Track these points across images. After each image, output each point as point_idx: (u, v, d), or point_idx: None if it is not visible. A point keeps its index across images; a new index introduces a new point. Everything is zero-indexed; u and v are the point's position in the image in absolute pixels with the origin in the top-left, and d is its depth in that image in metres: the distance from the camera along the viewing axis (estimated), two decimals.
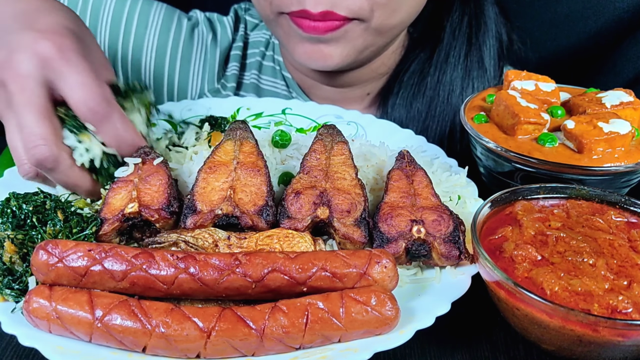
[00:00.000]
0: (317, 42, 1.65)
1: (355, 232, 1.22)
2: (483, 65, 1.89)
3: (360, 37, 1.67)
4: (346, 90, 1.99)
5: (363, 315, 1.04)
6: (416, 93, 1.92)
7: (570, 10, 2.12)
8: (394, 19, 1.67)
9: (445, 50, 1.90)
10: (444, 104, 1.89)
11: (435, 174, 1.45)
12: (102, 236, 1.22)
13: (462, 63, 1.89)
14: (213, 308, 1.06)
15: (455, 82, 1.89)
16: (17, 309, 1.09)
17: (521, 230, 1.19)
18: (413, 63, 1.94)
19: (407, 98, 1.90)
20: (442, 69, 1.89)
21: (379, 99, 2.02)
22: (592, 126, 1.37)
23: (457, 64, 1.89)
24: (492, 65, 1.91)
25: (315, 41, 1.65)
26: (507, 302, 1.08)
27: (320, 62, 1.70)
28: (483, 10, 1.90)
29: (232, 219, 1.22)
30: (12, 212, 1.21)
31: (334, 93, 2.00)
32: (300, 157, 1.41)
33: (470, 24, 1.90)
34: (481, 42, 1.89)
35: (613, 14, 2.06)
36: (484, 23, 1.90)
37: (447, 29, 1.91)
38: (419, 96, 1.91)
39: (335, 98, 2.00)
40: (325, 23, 1.59)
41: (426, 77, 1.91)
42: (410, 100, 1.91)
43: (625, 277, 1.07)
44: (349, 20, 1.61)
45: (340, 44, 1.66)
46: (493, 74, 1.91)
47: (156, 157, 1.38)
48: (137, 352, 1.03)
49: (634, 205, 1.25)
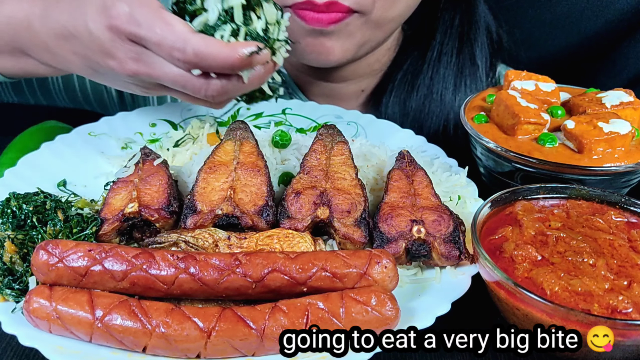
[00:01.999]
0: (319, 35, 1.66)
1: (356, 232, 1.22)
2: (475, 63, 1.91)
3: (360, 31, 1.68)
4: (341, 86, 2.00)
5: (363, 316, 1.04)
6: (409, 91, 1.93)
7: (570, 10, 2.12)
8: (393, 11, 1.69)
9: (437, 48, 1.92)
10: (437, 102, 1.91)
11: (435, 174, 1.45)
12: (102, 236, 1.22)
13: (455, 61, 1.91)
14: (213, 308, 1.06)
15: (447, 80, 1.91)
16: (18, 309, 1.09)
17: (521, 230, 1.19)
18: (406, 62, 1.96)
19: (400, 96, 1.91)
20: (435, 67, 1.91)
21: (373, 97, 2.02)
22: (592, 126, 1.37)
23: (450, 62, 1.91)
24: (484, 63, 1.93)
25: (317, 34, 1.66)
26: (507, 302, 1.08)
27: (322, 57, 1.70)
28: (474, 9, 1.92)
29: (232, 219, 1.22)
30: (13, 212, 1.21)
31: (329, 89, 2.00)
32: (300, 157, 1.41)
33: (461, 22, 1.91)
34: (472, 40, 1.91)
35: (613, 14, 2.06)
36: (474, 22, 1.92)
37: (439, 27, 1.93)
38: (413, 94, 1.93)
39: (331, 94, 2.00)
40: (329, 15, 1.60)
41: (419, 75, 1.93)
42: (404, 98, 1.92)
43: (625, 277, 1.07)
44: (351, 13, 1.62)
45: (341, 38, 1.67)
46: (485, 71, 1.93)
47: (156, 158, 1.39)
48: (137, 352, 1.03)
49: (634, 205, 1.25)
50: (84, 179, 1.47)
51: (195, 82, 1.18)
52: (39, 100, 2.07)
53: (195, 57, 1.13)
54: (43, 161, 1.48)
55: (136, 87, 1.29)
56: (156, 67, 1.18)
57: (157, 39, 1.13)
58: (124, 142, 1.61)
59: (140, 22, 1.13)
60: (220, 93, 1.21)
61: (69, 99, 2.06)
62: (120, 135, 1.63)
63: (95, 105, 2.08)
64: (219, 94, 1.21)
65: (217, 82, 1.19)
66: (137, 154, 1.40)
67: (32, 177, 1.41)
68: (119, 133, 1.64)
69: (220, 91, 1.21)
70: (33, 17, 1.30)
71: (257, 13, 1.23)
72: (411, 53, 1.96)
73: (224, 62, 1.14)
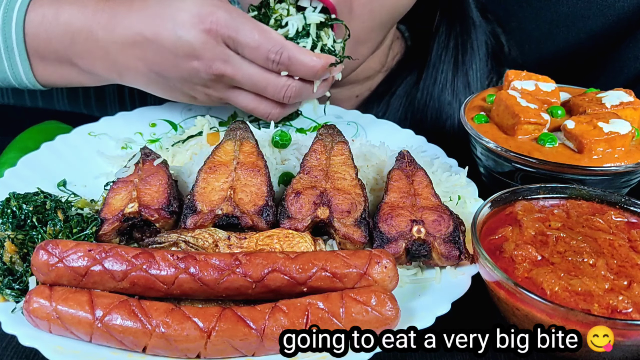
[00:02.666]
0: None
1: (356, 232, 1.22)
2: (470, 89, 1.89)
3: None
4: (336, 92, 1.99)
5: (363, 316, 1.04)
6: (402, 116, 1.94)
7: (570, 10, 2.12)
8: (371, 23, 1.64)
9: (432, 74, 1.91)
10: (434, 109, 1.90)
11: (435, 174, 1.45)
12: (102, 236, 1.22)
13: (450, 86, 1.89)
14: (213, 308, 1.06)
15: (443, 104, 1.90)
16: (18, 309, 1.09)
17: (521, 230, 1.19)
18: (399, 87, 1.95)
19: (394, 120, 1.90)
20: (429, 92, 1.90)
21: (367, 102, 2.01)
22: (592, 126, 1.37)
23: (445, 87, 1.90)
24: (479, 88, 1.91)
25: None
26: (507, 302, 1.08)
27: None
28: (470, 33, 1.90)
29: (232, 219, 1.22)
30: (13, 212, 1.21)
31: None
32: (300, 157, 1.41)
33: (456, 47, 1.90)
34: (468, 67, 1.89)
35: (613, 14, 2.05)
36: (470, 47, 1.90)
37: (433, 51, 1.91)
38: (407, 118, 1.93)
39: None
40: None
41: (413, 100, 1.92)
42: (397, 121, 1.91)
43: (625, 277, 1.07)
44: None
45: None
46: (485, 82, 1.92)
47: (156, 158, 1.39)
48: (137, 352, 1.03)
49: (634, 205, 1.25)
50: (84, 179, 1.48)
51: (278, 82, 1.42)
52: (36, 103, 2.07)
53: (289, 61, 1.37)
54: (43, 161, 1.48)
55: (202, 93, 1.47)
56: (243, 68, 1.40)
57: (255, 44, 1.35)
58: (124, 142, 1.61)
59: (239, 28, 1.34)
60: (295, 95, 1.45)
61: (68, 102, 2.06)
62: (120, 136, 1.63)
63: (95, 108, 2.08)
64: (294, 96, 1.45)
65: (297, 83, 1.44)
66: (137, 154, 1.40)
67: (32, 177, 1.41)
68: (119, 133, 1.64)
69: (296, 92, 1.45)
70: (96, 27, 1.40)
71: (326, 32, 1.51)
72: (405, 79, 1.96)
73: (311, 68, 1.40)
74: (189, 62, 1.37)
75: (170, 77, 1.44)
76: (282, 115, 1.54)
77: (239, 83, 1.44)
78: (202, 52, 1.35)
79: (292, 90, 1.44)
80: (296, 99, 1.48)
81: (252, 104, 1.49)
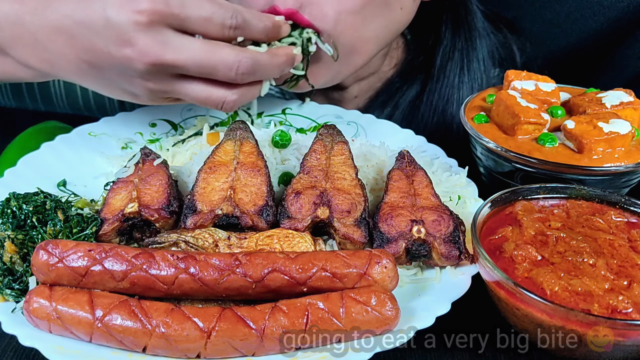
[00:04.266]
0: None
1: (356, 232, 1.22)
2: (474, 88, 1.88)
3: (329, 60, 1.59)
4: (334, 92, 1.99)
5: (363, 316, 1.04)
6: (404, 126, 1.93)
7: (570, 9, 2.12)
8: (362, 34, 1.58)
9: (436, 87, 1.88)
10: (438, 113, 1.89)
11: (435, 174, 1.45)
12: (102, 236, 1.22)
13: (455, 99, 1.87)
14: (213, 308, 1.06)
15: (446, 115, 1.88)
16: (18, 309, 1.09)
17: (521, 230, 1.19)
18: (401, 98, 1.93)
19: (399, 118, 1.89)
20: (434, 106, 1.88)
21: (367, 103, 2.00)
22: (592, 126, 1.37)
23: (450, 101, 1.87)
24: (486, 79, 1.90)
25: None
26: (507, 302, 1.08)
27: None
28: (475, 45, 1.87)
29: (232, 219, 1.22)
30: (13, 212, 1.21)
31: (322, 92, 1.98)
32: (300, 157, 1.41)
33: (461, 58, 1.87)
34: (473, 79, 1.87)
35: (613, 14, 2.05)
36: (475, 59, 1.87)
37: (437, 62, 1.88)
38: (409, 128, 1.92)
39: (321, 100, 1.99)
40: None
41: (417, 112, 1.90)
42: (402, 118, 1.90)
43: (625, 277, 1.07)
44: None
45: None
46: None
47: (156, 158, 1.39)
48: (137, 352, 1.03)
49: (634, 205, 1.25)
50: (84, 179, 1.47)
51: (228, 57, 1.25)
52: (37, 106, 2.06)
53: (244, 23, 1.29)
54: (43, 161, 1.48)
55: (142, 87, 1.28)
56: (185, 50, 1.22)
57: (207, 14, 1.24)
58: (124, 142, 1.61)
59: (184, 3, 1.21)
60: (250, 70, 1.28)
61: (69, 105, 2.06)
62: (120, 136, 1.63)
63: (96, 111, 2.08)
64: (248, 71, 1.28)
65: (250, 54, 1.28)
66: (137, 154, 1.40)
67: (32, 177, 1.41)
68: (119, 133, 1.64)
69: (251, 67, 1.28)
70: (23, 11, 1.27)
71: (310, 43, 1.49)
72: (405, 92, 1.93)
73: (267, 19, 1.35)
74: (121, 49, 1.20)
75: (103, 68, 1.26)
76: (239, 102, 1.35)
77: (183, 69, 1.25)
78: (135, 37, 1.18)
79: (245, 65, 1.26)
80: (251, 76, 1.31)
81: (202, 92, 1.31)
